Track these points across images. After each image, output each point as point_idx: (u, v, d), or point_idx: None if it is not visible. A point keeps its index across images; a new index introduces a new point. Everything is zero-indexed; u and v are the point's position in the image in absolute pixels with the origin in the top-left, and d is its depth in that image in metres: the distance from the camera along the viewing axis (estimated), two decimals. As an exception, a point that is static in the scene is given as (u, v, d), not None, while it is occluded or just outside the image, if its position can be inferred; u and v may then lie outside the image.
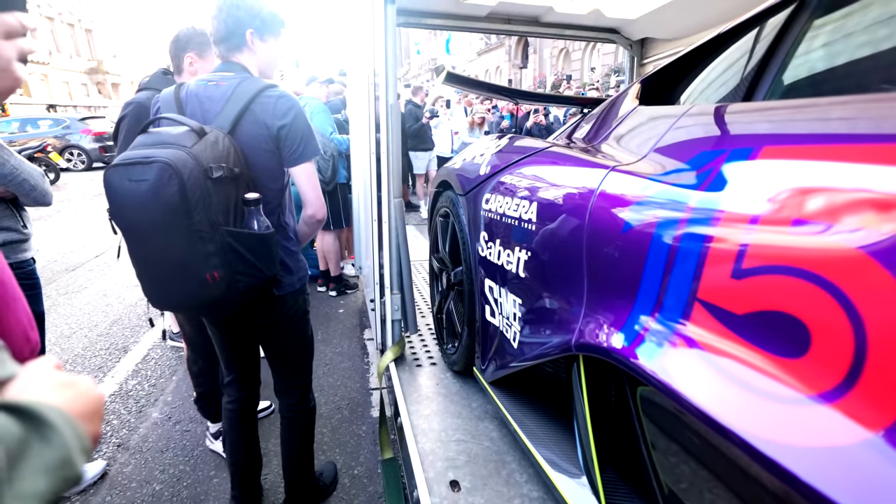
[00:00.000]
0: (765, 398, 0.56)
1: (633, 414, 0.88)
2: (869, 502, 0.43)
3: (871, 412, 0.45)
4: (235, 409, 1.63)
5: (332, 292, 4.03)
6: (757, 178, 0.64)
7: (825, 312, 0.51)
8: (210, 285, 1.19)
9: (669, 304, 0.73)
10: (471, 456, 1.30)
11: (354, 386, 2.67)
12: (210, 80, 1.34)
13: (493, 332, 1.42)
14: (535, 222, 1.15)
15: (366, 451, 2.13)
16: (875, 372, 0.46)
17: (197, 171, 1.12)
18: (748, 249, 0.61)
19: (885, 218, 0.47)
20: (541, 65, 22.84)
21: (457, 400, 1.59)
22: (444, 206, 1.85)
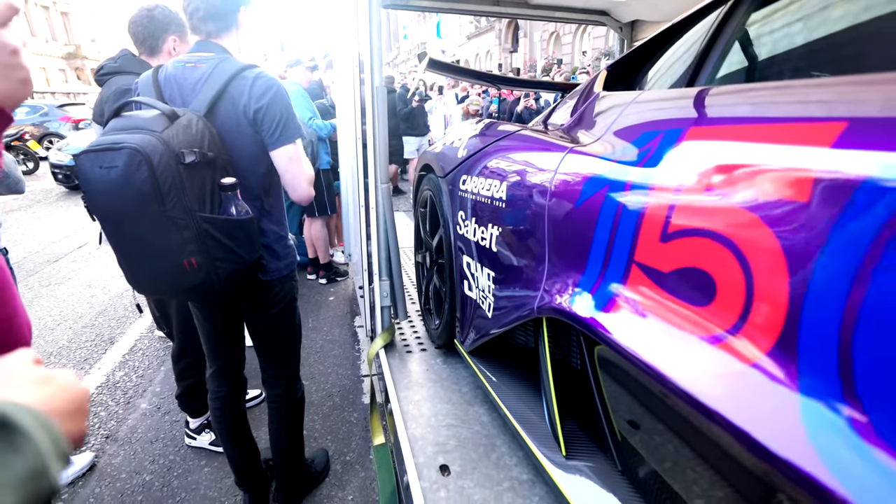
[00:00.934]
0: (682, 341, 0.67)
1: (589, 370, 0.98)
2: (753, 412, 0.55)
3: (757, 342, 0.57)
4: (220, 405, 1.62)
5: (322, 280, 4.01)
6: (681, 155, 0.74)
7: (726, 266, 0.62)
8: (188, 272, 1.17)
9: (613, 267, 0.84)
10: (460, 440, 1.30)
11: (345, 373, 2.67)
12: (188, 62, 1.30)
13: (470, 305, 1.50)
14: (505, 200, 1.25)
15: (357, 438, 2.14)
16: (759, 311, 0.57)
17: (167, 156, 1.08)
18: (672, 217, 0.71)
19: (772, 187, 0.57)
20: (531, 49, 22.65)
21: (447, 385, 1.59)
22: (427, 188, 1.91)
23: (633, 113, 0.97)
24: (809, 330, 0.50)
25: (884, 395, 0.43)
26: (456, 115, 7.13)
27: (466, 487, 1.15)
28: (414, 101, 6.36)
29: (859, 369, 0.45)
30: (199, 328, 1.55)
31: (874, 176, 0.47)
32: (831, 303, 0.48)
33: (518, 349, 1.49)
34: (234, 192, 1.21)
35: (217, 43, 1.33)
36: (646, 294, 0.76)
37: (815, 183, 0.52)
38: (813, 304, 0.50)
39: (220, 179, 1.20)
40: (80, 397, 0.45)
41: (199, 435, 2.03)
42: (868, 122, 0.51)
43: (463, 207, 1.52)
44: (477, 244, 1.41)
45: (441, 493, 1.12)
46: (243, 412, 1.68)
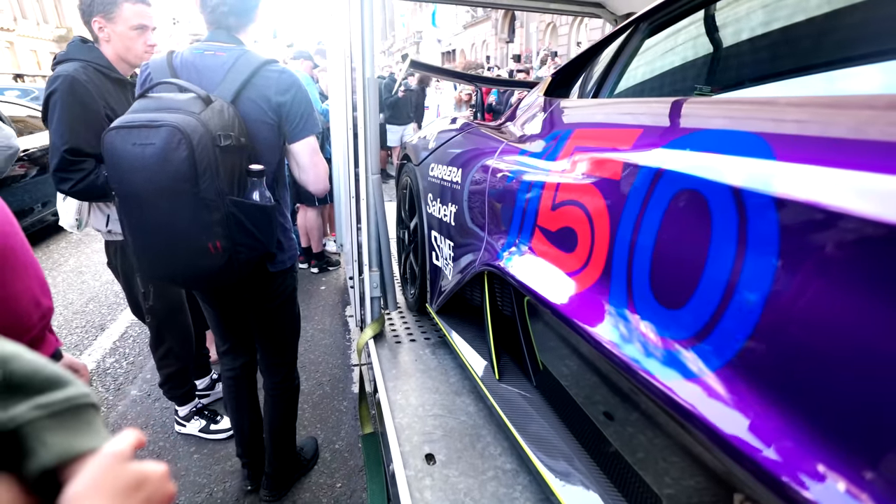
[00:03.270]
0: (559, 277, 0.96)
1: (516, 314, 1.30)
2: (589, 315, 0.83)
3: (592, 276, 0.86)
4: (234, 375, 1.65)
5: (314, 269, 4.01)
6: (566, 150, 1.02)
7: (582, 224, 0.90)
8: (211, 255, 1.19)
9: (525, 230, 1.13)
10: (447, 430, 1.32)
11: (336, 362, 2.68)
12: (206, 50, 1.32)
13: (436, 272, 1.78)
14: (459, 183, 1.54)
15: (347, 427, 2.15)
16: (597, 257, 0.85)
17: (206, 138, 1.11)
18: (558, 192, 0.99)
19: (605, 170, 0.86)
20: (527, 39, 22.50)
21: (435, 375, 1.61)
22: (406, 174, 2.17)
23: (549, 116, 1.24)
24: (618, 262, 0.79)
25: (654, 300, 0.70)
26: (446, 104, 7.15)
27: (451, 476, 1.16)
28: (400, 92, 6.42)
29: (637, 284, 0.74)
30: (207, 313, 1.59)
31: (649, 164, 0.75)
32: (627, 244, 0.76)
33: (473, 308, 1.74)
34: (261, 179, 1.25)
35: (234, 35, 1.36)
36: (542, 247, 1.06)
37: (625, 167, 0.80)
38: (621, 245, 0.78)
39: (247, 165, 1.24)
40: (167, 500, 0.41)
41: (188, 422, 2.04)
42: (654, 129, 0.81)
43: (431, 190, 1.80)
44: (440, 220, 1.70)
45: (426, 482, 1.14)
46: (254, 385, 1.71)
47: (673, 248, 0.67)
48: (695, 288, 0.62)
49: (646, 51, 1.13)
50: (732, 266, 0.57)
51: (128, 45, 1.69)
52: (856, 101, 0.58)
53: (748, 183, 0.57)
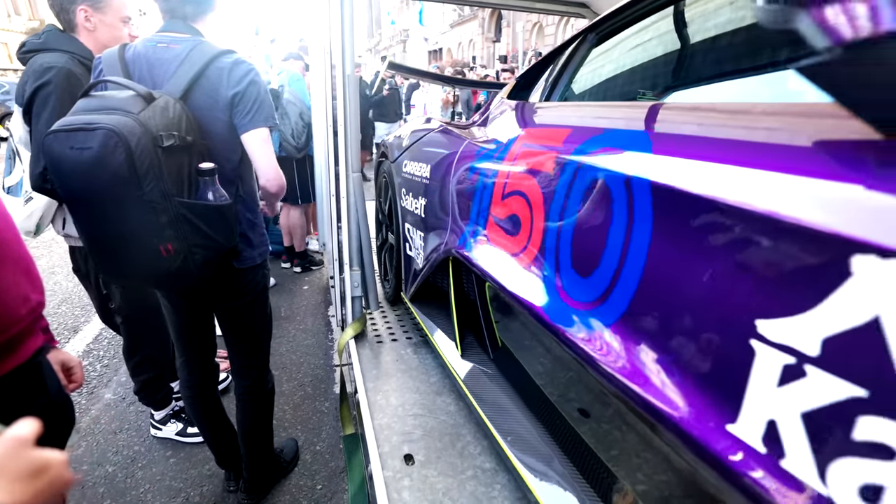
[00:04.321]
0: (504, 258, 1.10)
1: (477, 296, 1.47)
2: (530, 289, 0.97)
3: (531, 254, 0.99)
4: (192, 394, 1.60)
5: (297, 268, 3.96)
6: (515, 148, 1.13)
7: (523, 210, 1.02)
8: (164, 258, 1.15)
9: (481, 218, 1.24)
10: (426, 430, 1.31)
11: (318, 363, 2.66)
12: (160, 42, 1.26)
13: (409, 262, 1.87)
14: (428, 178, 1.65)
15: (328, 428, 2.13)
16: (534, 238, 0.98)
17: (145, 139, 1.05)
18: (507, 184, 1.11)
19: (541, 164, 0.99)
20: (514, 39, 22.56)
21: (416, 375, 1.60)
22: (384, 170, 2.27)
23: (506, 117, 1.35)
24: (549, 242, 0.92)
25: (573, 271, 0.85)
26: (433, 103, 7.17)
27: (430, 476, 1.16)
28: (384, 90, 6.46)
29: (562, 258, 0.88)
30: (168, 318, 1.52)
31: (570, 159, 0.89)
32: (556, 226, 0.90)
33: (443, 294, 1.83)
34: (213, 178, 1.19)
35: (191, 25, 1.30)
36: (493, 233, 1.18)
37: (556, 161, 0.93)
38: (551, 227, 0.92)
39: (198, 164, 1.18)
40: (65, 487, 0.43)
41: (164, 426, 1.99)
42: (579, 129, 0.95)
43: (405, 185, 1.90)
44: (412, 213, 1.79)
45: (404, 482, 1.13)
46: (216, 397, 1.66)
47: (584, 228, 0.82)
48: (599, 260, 0.77)
49: (592, 59, 1.28)
50: (623, 242, 0.71)
51: (116, 35, 1.62)
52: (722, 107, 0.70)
53: (633, 173, 0.71)
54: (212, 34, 1.36)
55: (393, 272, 2.11)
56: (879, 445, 0.40)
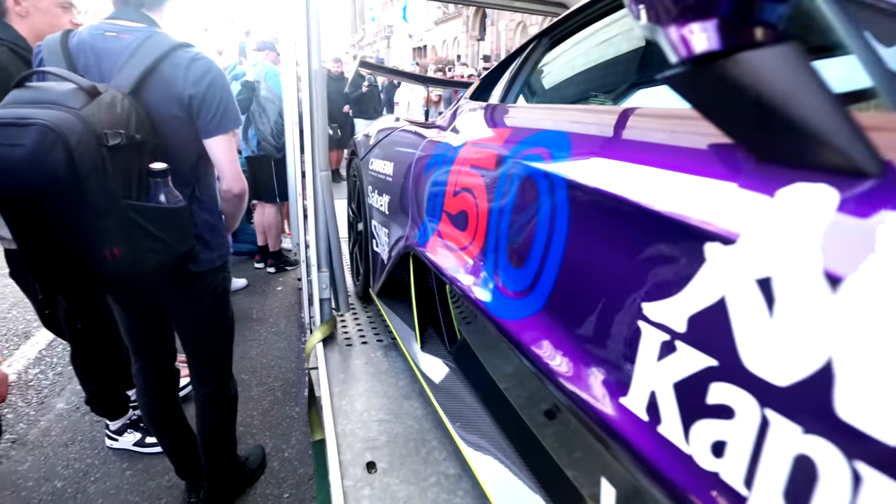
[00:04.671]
0: (453, 253, 1.15)
1: (436, 290, 1.51)
2: (472, 278, 1.03)
3: (476, 248, 1.04)
4: (148, 402, 1.53)
5: (271, 269, 3.89)
6: (468, 147, 1.17)
7: (470, 206, 1.07)
8: (110, 263, 1.07)
9: (436, 214, 1.28)
10: (391, 436, 1.27)
11: (289, 366, 2.60)
12: (108, 30, 1.17)
13: (376, 258, 1.91)
14: (392, 175, 1.70)
15: (298, 433, 2.08)
16: (479, 233, 1.03)
17: (87, 137, 0.96)
18: (458, 182, 1.15)
19: (485, 162, 1.04)
20: (498, 38, 22.59)
21: (384, 379, 1.56)
22: (354, 168, 2.31)
23: (463, 117, 1.39)
24: (490, 235, 0.98)
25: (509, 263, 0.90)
26: (416, 101, 7.16)
27: (392, 484, 1.12)
28: (364, 87, 6.44)
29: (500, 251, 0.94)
30: (121, 324, 1.44)
31: (506, 156, 0.95)
32: (496, 220, 0.95)
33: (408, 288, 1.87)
34: (165, 179, 1.12)
35: (146, 14, 1.21)
36: (446, 228, 1.22)
37: (497, 159, 0.98)
38: (492, 221, 0.97)
39: (149, 164, 1.10)
40: None
41: (120, 436, 1.90)
42: (518, 129, 1.01)
43: (371, 183, 1.96)
44: (378, 209, 1.84)
45: (365, 492, 1.09)
46: (176, 405, 1.59)
47: (517, 222, 0.88)
48: (528, 252, 0.82)
49: (547, 62, 1.33)
50: (546, 235, 0.77)
51: (52, 21, 1.51)
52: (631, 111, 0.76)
53: (551, 171, 0.77)
54: (169, 25, 1.28)
55: (363, 269, 2.15)
56: (724, 407, 0.46)
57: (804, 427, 0.40)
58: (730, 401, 0.45)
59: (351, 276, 2.39)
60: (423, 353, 1.51)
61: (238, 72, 3.54)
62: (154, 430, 1.60)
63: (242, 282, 3.61)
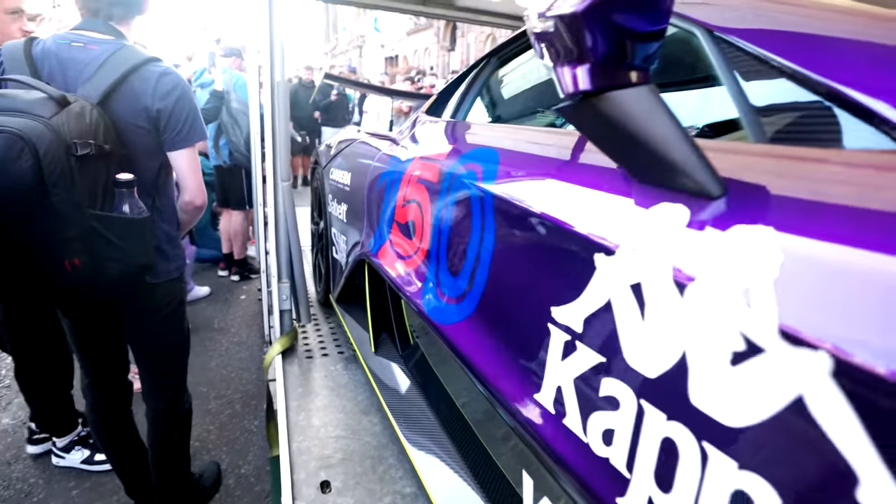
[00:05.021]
0: (402, 260, 1.21)
1: (389, 296, 1.56)
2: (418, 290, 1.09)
3: (421, 255, 1.11)
4: (97, 417, 1.47)
5: (235, 276, 3.79)
6: (417, 162, 1.22)
7: (417, 217, 1.13)
8: (68, 273, 1.05)
9: (387, 223, 1.33)
10: (348, 453, 1.26)
11: (250, 378, 2.53)
12: (75, 41, 1.16)
13: (335, 265, 1.97)
14: (349, 185, 1.77)
15: (256, 448, 2.03)
16: (424, 241, 1.09)
17: (56, 146, 0.96)
18: (406, 193, 1.20)
19: (428, 175, 1.10)
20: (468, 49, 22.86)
21: (343, 393, 1.54)
22: (317, 176, 2.38)
23: (417, 130, 1.45)
24: (433, 244, 1.04)
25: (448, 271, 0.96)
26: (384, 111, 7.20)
27: (346, 504, 1.11)
28: (332, 95, 6.46)
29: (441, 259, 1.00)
30: (70, 337, 1.39)
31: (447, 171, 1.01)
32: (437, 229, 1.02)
33: None
34: (131, 189, 1.11)
35: (114, 26, 1.21)
36: (396, 237, 1.27)
37: (439, 173, 1.04)
38: (434, 231, 1.03)
39: (116, 174, 1.10)
40: None
41: (67, 453, 1.80)
42: (460, 145, 1.07)
43: (331, 192, 2.02)
44: (337, 218, 1.89)
45: (317, 512, 1.08)
46: (128, 419, 1.54)
47: (454, 232, 0.94)
48: (463, 261, 0.88)
49: (495, 80, 1.38)
50: (478, 245, 0.83)
51: (1, 29, 1.48)
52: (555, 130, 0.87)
53: (484, 184, 0.84)
54: (135, 38, 1.29)
55: (323, 276, 2.21)
56: (611, 398, 0.53)
57: (667, 414, 0.46)
58: (615, 393, 0.52)
59: (313, 284, 2.39)
60: (376, 358, 1.56)
61: (204, 80, 3.47)
62: (103, 447, 1.54)
63: (206, 290, 3.51)
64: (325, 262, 2.15)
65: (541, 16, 0.44)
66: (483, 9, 2.65)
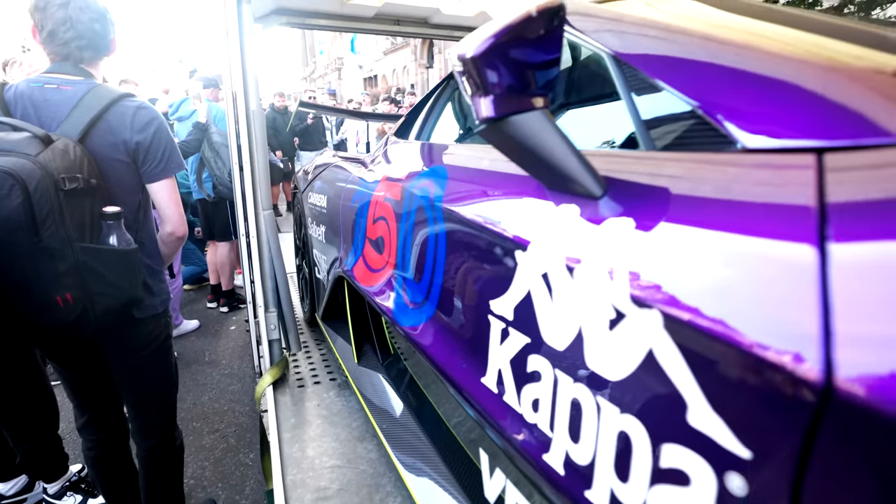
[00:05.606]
0: (374, 273, 1.30)
1: (369, 309, 1.61)
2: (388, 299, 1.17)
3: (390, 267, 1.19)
4: (96, 454, 1.45)
5: (224, 308, 3.74)
6: (384, 182, 1.30)
7: (386, 231, 1.21)
8: (61, 309, 1.05)
9: (360, 241, 1.42)
10: (344, 483, 1.23)
11: (243, 410, 2.48)
12: (47, 83, 1.19)
13: (318, 284, 2.04)
14: (326, 207, 1.86)
15: (252, 482, 1.98)
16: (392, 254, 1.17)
17: (45, 182, 0.99)
18: (376, 211, 1.29)
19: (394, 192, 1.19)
20: (446, 65, 23.15)
21: (337, 421, 1.51)
22: (297, 201, 2.49)
23: (386, 152, 1.52)
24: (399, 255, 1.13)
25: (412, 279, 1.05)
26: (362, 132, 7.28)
27: (343, 537, 1.08)
28: (308, 119, 6.52)
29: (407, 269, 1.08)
30: (61, 378, 1.39)
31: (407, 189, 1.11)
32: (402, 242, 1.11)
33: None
34: (118, 222, 1.14)
35: (83, 68, 1.24)
36: (368, 252, 1.35)
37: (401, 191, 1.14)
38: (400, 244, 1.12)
39: (102, 208, 1.13)
40: None
41: (59, 500, 1.75)
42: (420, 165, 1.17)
43: (310, 214, 2.12)
44: (317, 239, 1.99)
45: (315, 547, 1.05)
46: (128, 455, 1.51)
47: (415, 244, 1.03)
48: (423, 268, 0.98)
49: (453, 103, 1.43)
50: (434, 253, 0.93)
51: None
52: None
53: (435, 199, 0.94)
54: (102, 76, 1.32)
55: (308, 295, 2.30)
56: (536, 373, 0.63)
57: (573, 378, 0.57)
58: (538, 367, 0.63)
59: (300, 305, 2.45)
60: (359, 368, 1.63)
61: (182, 113, 3.46)
62: (102, 485, 1.50)
63: (194, 323, 3.46)
64: (308, 282, 2.24)
65: (458, 57, 0.52)
66: (457, 24, 2.68)
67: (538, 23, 0.51)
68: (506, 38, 0.50)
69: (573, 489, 0.55)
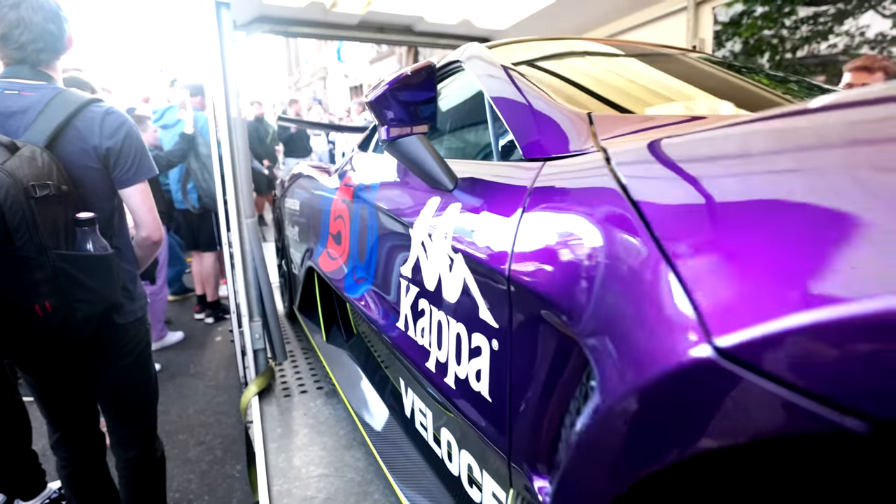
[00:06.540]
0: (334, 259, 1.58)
1: (335, 298, 1.86)
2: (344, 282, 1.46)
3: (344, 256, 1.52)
4: (70, 472, 1.40)
5: (209, 319, 3.69)
6: (342, 188, 1.54)
7: (342, 227, 1.51)
8: (40, 318, 1.04)
9: (324, 236, 1.70)
10: (331, 492, 1.22)
11: (230, 421, 2.44)
12: (7, 89, 1.14)
13: (294, 279, 2.27)
14: (299, 211, 2.12)
15: (239, 494, 1.94)
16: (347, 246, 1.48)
17: (15, 190, 0.97)
18: (336, 210, 1.54)
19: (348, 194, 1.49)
20: (432, 73, 23.20)
21: (324, 429, 1.50)
22: (277, 206, 2.75)
23: (348, 162, 1.71)
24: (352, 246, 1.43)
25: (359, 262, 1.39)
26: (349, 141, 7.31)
27: (332, 546, 1.07)
28: (292, 128, 6.55)
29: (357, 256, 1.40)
30: (33, 392, 1.33)
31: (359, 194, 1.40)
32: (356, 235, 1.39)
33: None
34: (92, 227, 1.12)
35: (42, 71, 1.21)
36: (330, 246, 1.62)
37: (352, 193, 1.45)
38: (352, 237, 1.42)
39: (75, 214, 1.10)
40: None
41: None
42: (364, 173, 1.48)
43: (287, 218, 2.38)
44: (293, 239, 2.23)
45: (301, 558, 1.04)
46: (105, 473, 1.47)
47: (361, 233, 1.30)
48: (366, 251, 1.27)
49: None
50: (372, 240, 1.24)
51: None
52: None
53: (369, 196, 1.29)
54: (60, 77, 1.27)
55: (287, 291, 2.56)
56: (423, 310, 0.96)
57: (437, 307, 0.88)
58: (424, 307, 0.94)
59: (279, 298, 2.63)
60: (326, 345, 1.89)
61: (167, 121, 3.42)
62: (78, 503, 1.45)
63: (179, 335, 3.40)
64: (288, 279, 2.53)
65: (366, 101, 0.79)
66: (441, 32, 2.70)
67: (416, 77, 0.79)
68: (396, 87, 0.79)
69: (439, 380, 0.88)
